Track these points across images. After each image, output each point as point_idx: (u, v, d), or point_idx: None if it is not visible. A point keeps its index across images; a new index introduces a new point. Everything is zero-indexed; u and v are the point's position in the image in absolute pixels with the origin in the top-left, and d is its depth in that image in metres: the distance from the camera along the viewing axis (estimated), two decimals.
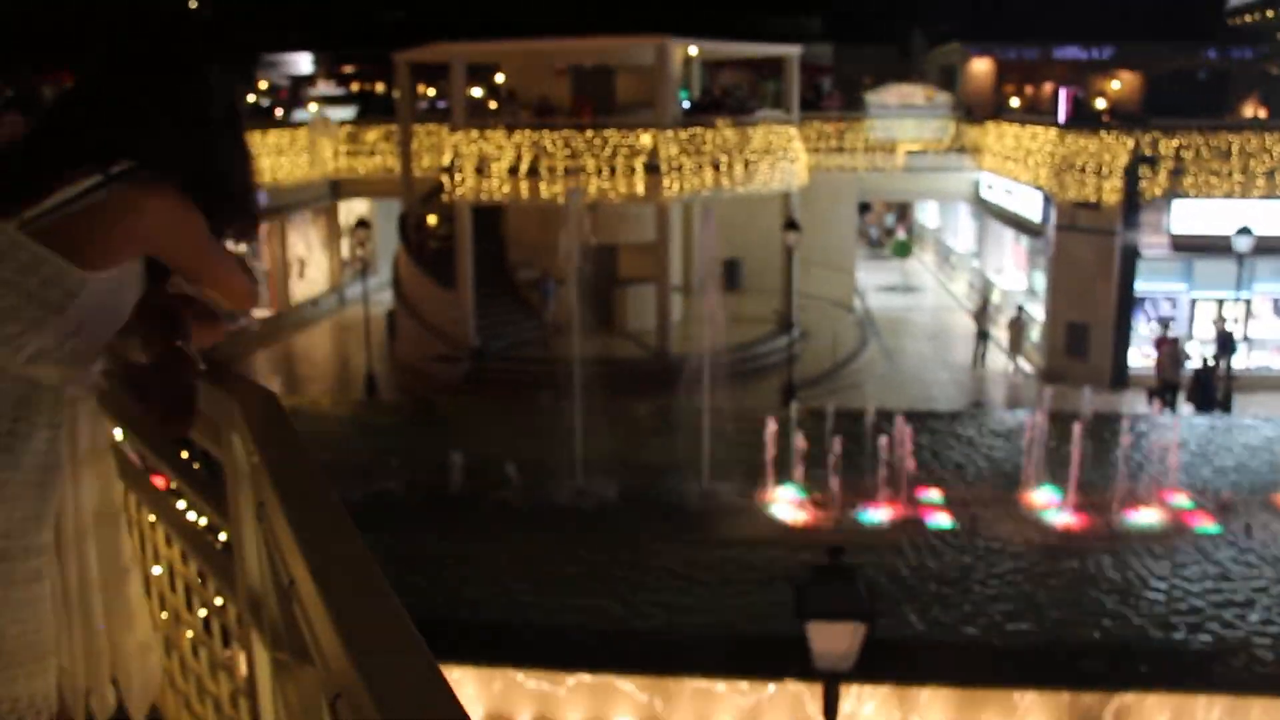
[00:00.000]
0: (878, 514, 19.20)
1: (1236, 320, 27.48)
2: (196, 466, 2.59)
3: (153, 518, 2.77)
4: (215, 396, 2.19)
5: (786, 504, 19.61)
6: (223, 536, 2.39)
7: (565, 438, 20.61)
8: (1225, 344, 26.66)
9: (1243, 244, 25.63)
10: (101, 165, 2.05)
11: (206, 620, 2.64)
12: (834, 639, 10.80)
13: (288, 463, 1.87)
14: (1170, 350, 25.95)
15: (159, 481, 2.80)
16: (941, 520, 18.92)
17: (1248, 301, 27.65)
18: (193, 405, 2.19)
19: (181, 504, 2.64)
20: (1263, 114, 33.96)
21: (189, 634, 2.72)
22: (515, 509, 19.45)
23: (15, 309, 1.97)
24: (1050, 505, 19.53)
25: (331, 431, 24.05)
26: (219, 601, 2.53)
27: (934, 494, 19.92)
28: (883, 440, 19.63)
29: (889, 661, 13.19)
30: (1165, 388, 25.73)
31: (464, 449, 20.67)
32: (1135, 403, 26.25)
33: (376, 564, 1.53)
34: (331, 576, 1.49)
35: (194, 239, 2.14)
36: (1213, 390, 25.53)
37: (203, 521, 2.56)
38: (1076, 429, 19.61)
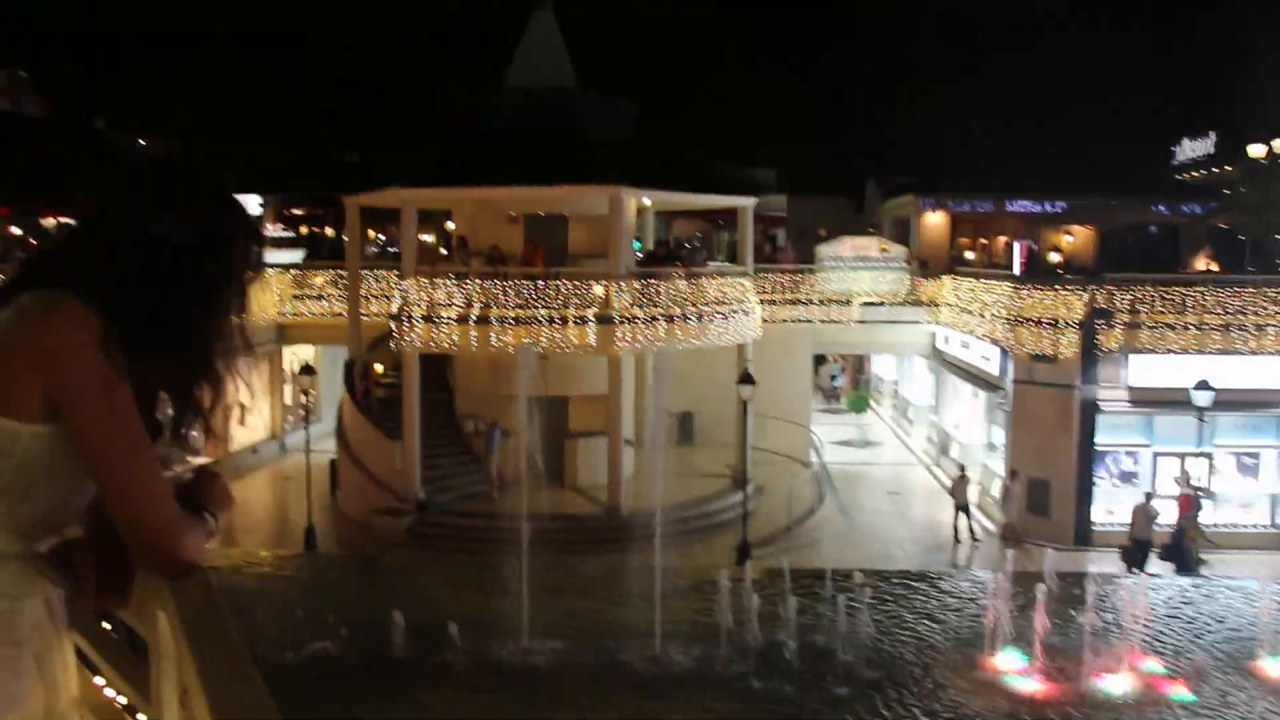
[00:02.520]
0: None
1: (1200, 476, 27.07)
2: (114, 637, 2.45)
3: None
4: (142, 571, 2.07)
5: None
6: (141, 718, 2.27)
7: (513, 596, 19.77)
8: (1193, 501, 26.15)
9: (1202, 398, 25.34)
10: (12, 297, 1.99)
11: None
12: None
13: (216, 652, 1.79)
14: (1142, 508, 25.37)
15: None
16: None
17: (1209, 456, 27.25)
18: (129, 580, 2.09)
19: (99, 680, 2.45)
20: (1214, 268, 34.10)
21: None
22: (457, 671, 18.50)
23: None
24: (1016, 670, 18.81)
25: (267, 588, 22.99)
26: None
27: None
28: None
29: None
30: (1138, 547, 25.03)
31: (406, 607, 19.75)
32: (1101, 561, 25.57)
33: None
34: None
35: (90, 375, 1.94)
36: (1185, 549, 24.89)
37: (121, 700, 2.40)
38: (1040, 590, 18.95)
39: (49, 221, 44.55)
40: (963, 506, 28.29)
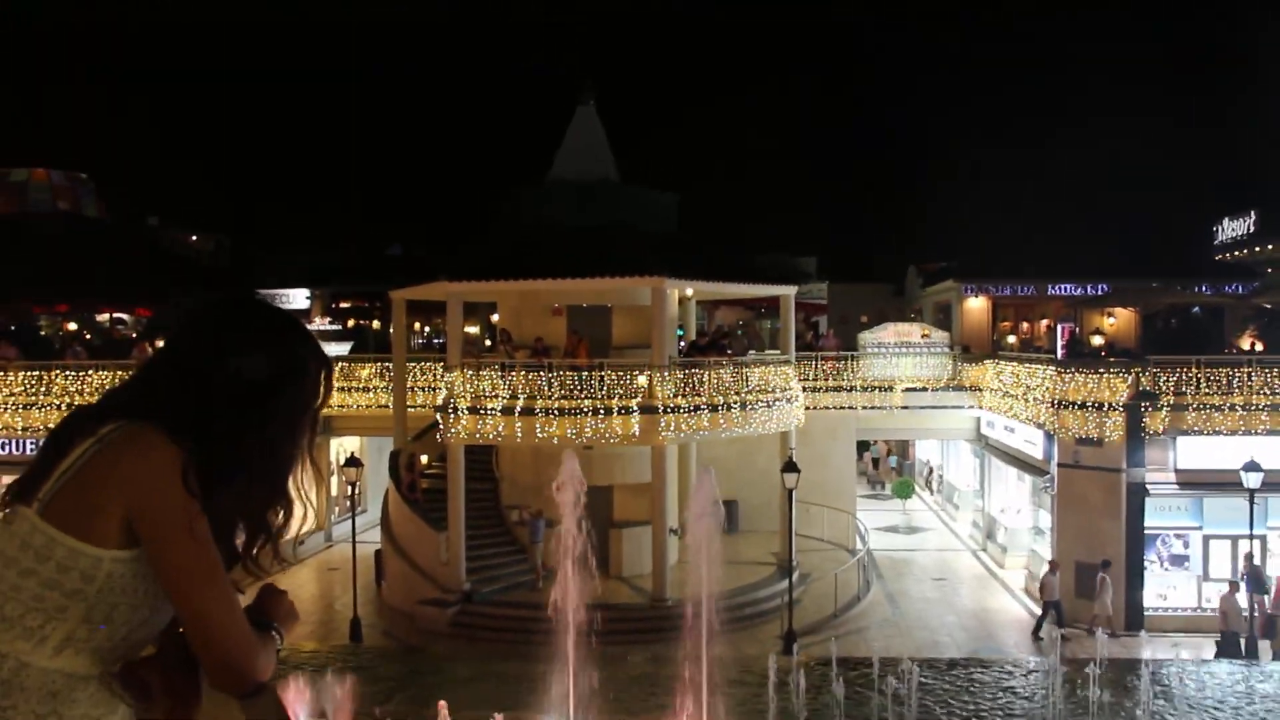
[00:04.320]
0: None
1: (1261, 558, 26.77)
2: None
3: None
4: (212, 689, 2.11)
5: None
6: None
7: (558, 687, 19.77)
8: (1257, 581, 25.80)
9: (1252, 480, 25.05)
10: (97, 425, 2.08)
11: None
12: None
13: None
14: (1228, 598, 25.06)
15: None
16: None
17: (1263, 539, 26.88)
18: (197, 699, 2.15)
19: None
20: (1260, 348, 33.87)
21: None
22: None
23: (37, 598, 2.01)
24: None
25: (315, 680, 23.06)
26: None
27: None
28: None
29: None
30: (1226, 639, 24.67)
31: (451, 698, 19.76)
32: (1151, 647, 25.20)
33: None
34: None
35: (171, 507, 2.03)
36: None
37: None
38: (1093, 676, 18.76)
39: (103, 317, 45.54)
40: (1053, 604, 27.04)
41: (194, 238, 61.01)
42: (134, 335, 39.81)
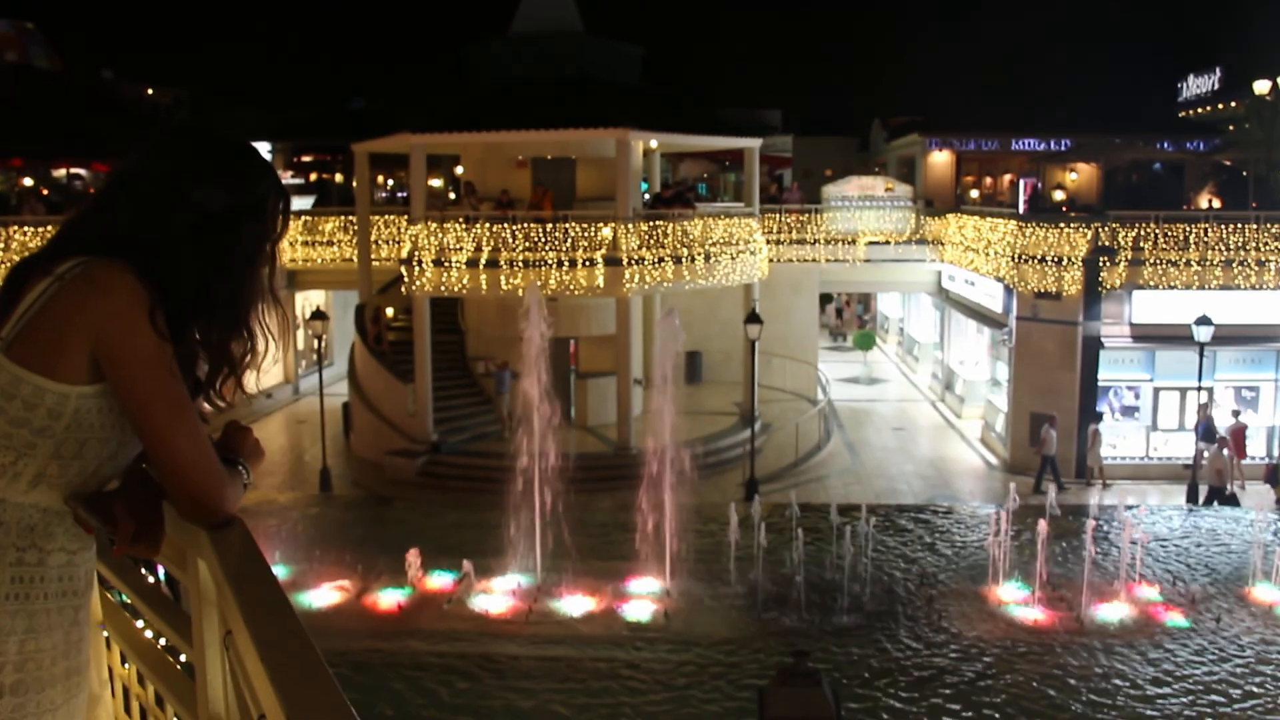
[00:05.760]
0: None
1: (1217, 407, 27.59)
2: (153, 583, 2.59)
3: (106, 634, 2.64)
4: (180, 522, 2.17)
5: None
6: (183, 658, 2.36)
7: (525, 534, 20.31)
8: (1208, 432, 26.62)
9: (1203, 333, 25.62)
10: (54, 264, 2.07)
11: None
12: None
13: (258, 596, 1.88)
14: (1216, 455, 25.63)
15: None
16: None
17: (1210, 390, 27.60)
18: (160, 528, 2.19)
19: (139, 623, 2.61)
20: (1217, 205, 34.24)
21: None
22: (471, 609, 19.04)
23: (6, 436, 2.04)
24: (1018, 600, 19.36)
25: (285, 529, 23.53)
26: None
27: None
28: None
29: None
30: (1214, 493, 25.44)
31: (421, 546, 20.29)
32: (1102, 495, 26.06)
33: (348, 704, 1.56)
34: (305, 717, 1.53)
35: (139, 345, 2.05)
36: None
37: (161, 642, 2.53)
38: (1042, 524, 19.45)
39: (60, 173, 44.82)
40: (1050, 458, 26.90)
41: (151, 91, 59.67)
42: (92, 190, 39.17)
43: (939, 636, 17.82)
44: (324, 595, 19.53)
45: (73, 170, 44.52)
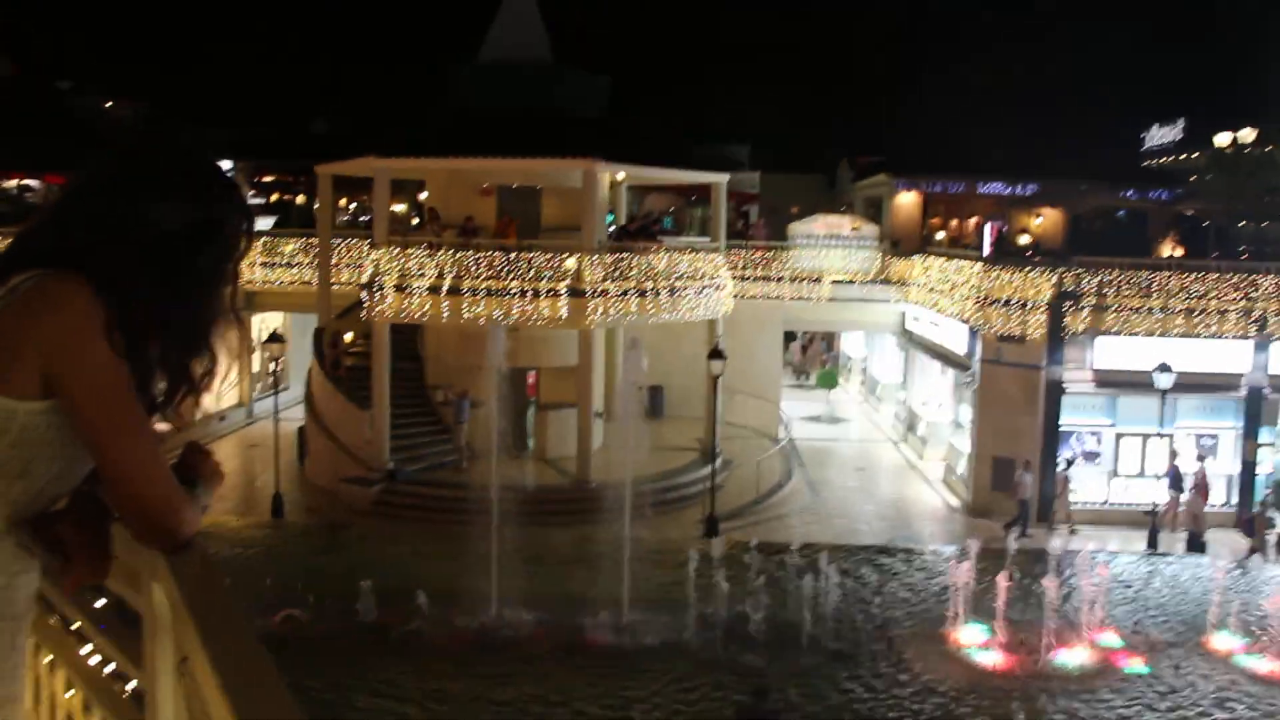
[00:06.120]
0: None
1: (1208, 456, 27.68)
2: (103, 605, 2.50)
3: (49, 659, 2.58)
4: (133, 545, 2.08)
5: None
6: (130, 685, 2.30)
7: (481, 566, 19.94)
8: (1176, 479, 26.71)
9: (1164, 380, 25.69)
10: (6, 276, 1.99)
11: None
12: None
13: (219, 622, 1.83)
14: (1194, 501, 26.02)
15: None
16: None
17: (1171, 437, 27.65)
18: (109, 553, 2.14)
19: (86, 648, 2.51)
20: (1179, 253, 34.48)
21: None
22: (425, 640, 18.67)
23: None
24: (978, 643, 19.24)
25: (235, 555, 23.05)
26: None
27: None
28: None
29: None
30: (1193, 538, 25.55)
31: (374, 576, 19.91)
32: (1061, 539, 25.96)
33: None
34: None
35: (94, 362, 1.96)
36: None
37: (108, 668, 2.45)
38: (1004, 568, 19.34)
39: (10, 184, 44.16)
40: (1024, 503, 26.75)
41: (109, 104, 58.95)
42: (42, 203, 38.61)
43: (901, 676, 17.62)
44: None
45: (24, 181, 43.89)
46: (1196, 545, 25.10)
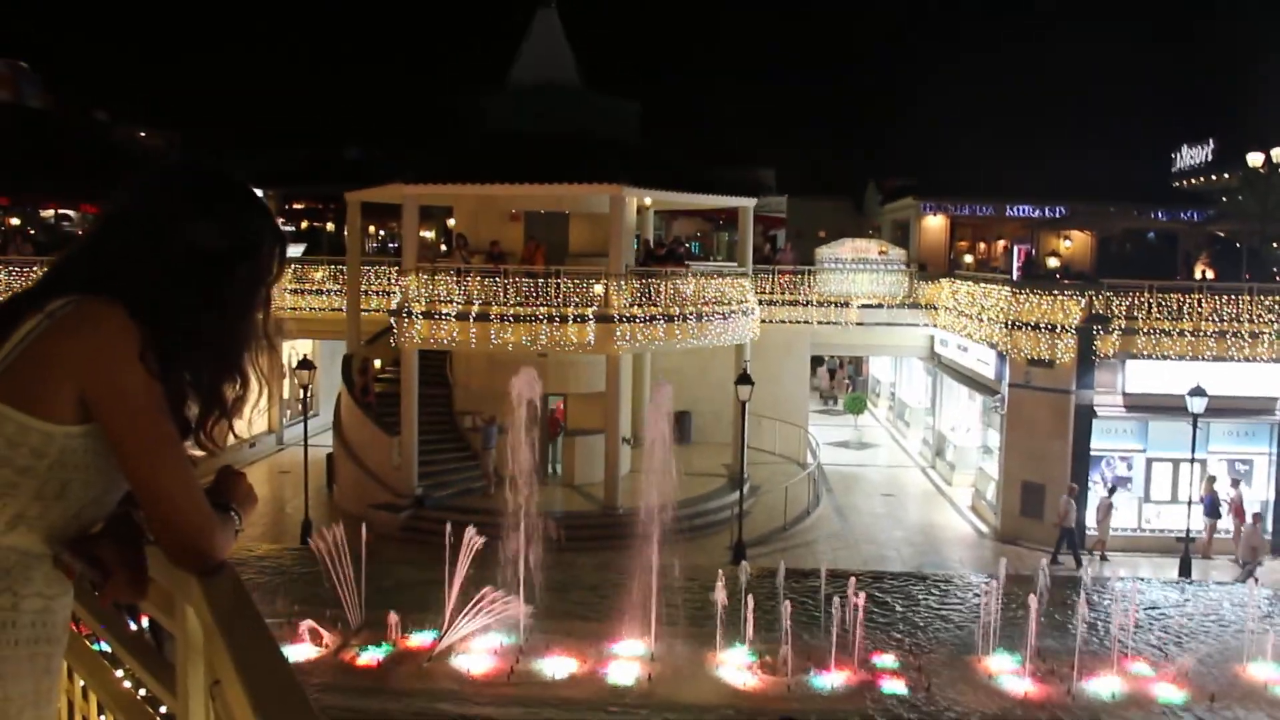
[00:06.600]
0: (830, 679, 18.47)
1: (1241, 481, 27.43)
2: (135, 631, 2.52)
3: (82, 684, 2.57)
4: (167, 568, 2.08)
5: (735, 667, 18.85)
6: (163, 709, 2.30)
7: (508, 593, 19.95)
8: (1213, 507, 26.47)
9: (1196, 404, 25.43)
10: (46, 300, 2.01)
11: None
12: None
13: (251, 645, 1.83)
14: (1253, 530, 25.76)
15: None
16: (897, 686, 18.33)
17: (1204, 462, 27.38)
18: (145, 573, 2.14)
19: (119, 672, 2.53)
20: (1211, 275, 34.17)
21: None
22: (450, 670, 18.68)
23: None
24: (1008, 671, 19.04)
25: (265, 582, 23.12)
26: None
27: (888, 658, 19.33)
28: (835, 602, 19.11)
29: None
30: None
31: (401, 602, 19.97)
32: (1096, 566, 25.75)
33: None
34: None
35: (129, 384, 1.99)
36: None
37: (141, 692, 2.46)
38: (1034, 594, 19.16)
39: (48, 213, 44.66)
40: (1068, 530, 26.47)
41: (144, 134, 59.68)
42: (80, 232, 39.17)
43: (929, 706, 17.48)
44: (301, 650, 19.11)
45: (61, 211, 44.40)
46: (1248, 574, 24.52)
